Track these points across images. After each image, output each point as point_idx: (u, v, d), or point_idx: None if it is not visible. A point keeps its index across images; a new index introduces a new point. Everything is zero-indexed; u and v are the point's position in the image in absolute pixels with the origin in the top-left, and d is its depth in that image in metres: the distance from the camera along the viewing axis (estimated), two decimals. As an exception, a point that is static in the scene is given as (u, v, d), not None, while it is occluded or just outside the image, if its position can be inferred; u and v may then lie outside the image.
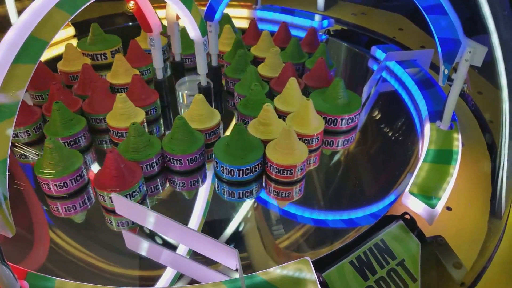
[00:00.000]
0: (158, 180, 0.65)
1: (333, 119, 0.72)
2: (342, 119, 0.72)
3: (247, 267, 0.53)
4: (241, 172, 0.62)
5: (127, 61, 0.81)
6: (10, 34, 0.40)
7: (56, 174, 0.58)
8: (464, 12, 0.62)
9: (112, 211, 0.58)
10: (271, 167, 0.62)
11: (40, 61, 0.46)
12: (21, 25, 0.41)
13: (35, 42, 0.41)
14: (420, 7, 0.62)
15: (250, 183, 0.64)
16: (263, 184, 0.65)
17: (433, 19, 0.62)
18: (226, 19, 1.00)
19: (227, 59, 0.88)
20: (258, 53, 0.90)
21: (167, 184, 0.65)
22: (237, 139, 0.62)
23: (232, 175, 0.62)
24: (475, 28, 0.62)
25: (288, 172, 0.62)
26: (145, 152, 0.62)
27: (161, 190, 0.64)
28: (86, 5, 0.47)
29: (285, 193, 0.63)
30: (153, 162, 0.63)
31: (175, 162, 0.64)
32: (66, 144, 0.67)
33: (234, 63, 0.83)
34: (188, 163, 0.64)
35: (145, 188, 0.61)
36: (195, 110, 0.68)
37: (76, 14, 0.46)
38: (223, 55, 0.90)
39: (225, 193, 0.63)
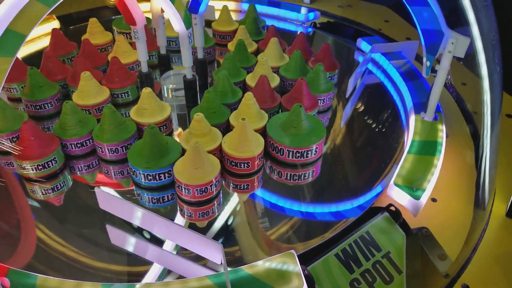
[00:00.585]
0: (90, 162, 0.67)
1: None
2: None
3: (236, 260, 0.53)
4: (148, 176, 0.59)
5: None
6: (-15, 28, 0.39)
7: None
8: (447, 3, 0.63)
9: (29, 180, 0.62)
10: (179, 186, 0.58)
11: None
12: (-3, 18, 0.40)
13: (12, 35, 0.40)
14: (403, -1, 0.62)
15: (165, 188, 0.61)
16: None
17: (416, 10, 0.62)
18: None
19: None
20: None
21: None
22: (146, 143, 0.59)
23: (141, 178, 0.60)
24: (458, 19, 0.63)
25: (188, 191, 0.58)
26: (71, 131, 0.64)
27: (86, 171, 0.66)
28: (64, -2, 0.46)
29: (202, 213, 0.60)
30: (78, 143, 0.64)
31: (100, 150, 0.65)
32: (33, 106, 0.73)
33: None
34: (109, 153, 0.64)
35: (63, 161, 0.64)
36: (143, 104, 0.67)
37: (55, 6, 0.45)
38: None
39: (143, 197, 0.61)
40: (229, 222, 0.59)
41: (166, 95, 0.81)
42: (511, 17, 0.72)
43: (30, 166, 0.60)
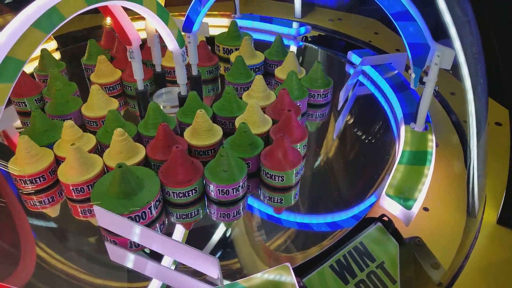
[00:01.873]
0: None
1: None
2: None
3: (234, 273, 0.54)
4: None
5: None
6: (-14, 55, 0.41)
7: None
8: (432, 16, 0.65)
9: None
10: None
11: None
12: (-3, 46, 0.42)
13: (12, 62, 0.42)
14: (388, 14, 0.64)
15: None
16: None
17: (402, 25, 0.64)
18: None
19: None
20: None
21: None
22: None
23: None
24: (444, 31, 0.65)
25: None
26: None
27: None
28: (62, 24, 0.48)
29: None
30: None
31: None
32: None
33: None
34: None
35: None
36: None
37: (52, 32, 0.47)
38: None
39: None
40: (226, 234, 0.60)
41: None
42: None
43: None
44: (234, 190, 0.60)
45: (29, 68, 0.93)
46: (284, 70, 0.86)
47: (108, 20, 0.66)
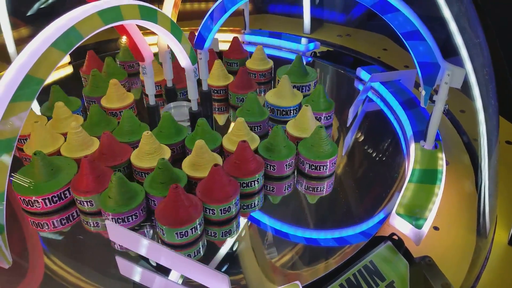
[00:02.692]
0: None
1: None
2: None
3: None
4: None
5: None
6: (8, 74, 0.42)
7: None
8: (442, 33, 0.65)
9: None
10: None
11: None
12: (18, 65, 0.43)
13: (32, 80, 0.43)
14: (399, 33, 0.65)
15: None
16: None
17: (412, 44, 0.64)
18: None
19: None
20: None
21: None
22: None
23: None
24: (454, 50, 0.65)
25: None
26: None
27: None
28: (80, 43, 0.49)
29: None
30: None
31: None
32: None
33: None
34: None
35: None
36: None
37: (70, 51, 0.48)
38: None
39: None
40: (233, 249, 0.60)
41: None
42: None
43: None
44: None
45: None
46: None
47: (124, 39, 0.67)
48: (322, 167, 0.69)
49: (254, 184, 0.65)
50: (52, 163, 0.62)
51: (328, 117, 0.83)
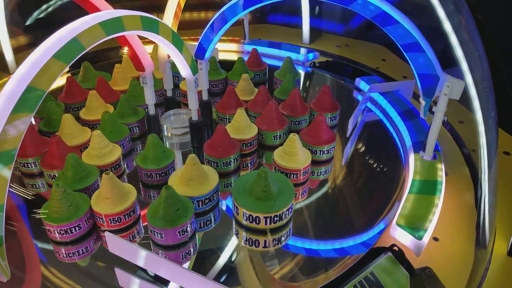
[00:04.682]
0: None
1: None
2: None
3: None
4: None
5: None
6: (9, 85, 0.42)
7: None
8: (442, 44, 0.66)
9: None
10: None
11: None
12: (19, 76, 0.43)
13: (33, 91, 0.43)
14: (399, 45, 0.65)
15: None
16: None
17: (412, 56, 0.65)
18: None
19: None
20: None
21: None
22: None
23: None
24: (454, 61, 0.66)
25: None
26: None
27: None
28: (82, 54, 0.49)
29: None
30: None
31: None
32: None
33: None
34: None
35: None
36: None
37: (72, 62, 0.48)
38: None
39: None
40: (232, 260, 0.59)
41: (166, 134, 0.84)
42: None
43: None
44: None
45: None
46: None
47: (125, 50, 0.68)
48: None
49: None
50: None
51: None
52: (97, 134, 0.70)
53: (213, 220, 0.65)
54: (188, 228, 0.58)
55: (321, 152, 0.76)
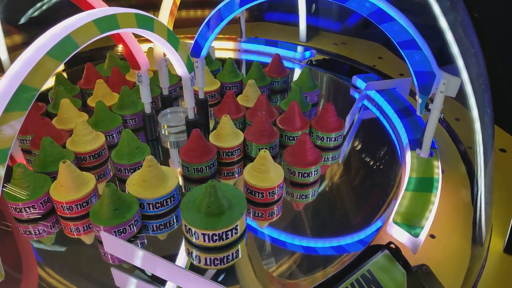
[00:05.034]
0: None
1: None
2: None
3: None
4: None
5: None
6: (1, 83, 0.41)
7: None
8: (438, 41, 0.66)
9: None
10: None
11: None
12: (12, 74, 0.42)
13: (26, 90, 0.43)
14: (395, 42, 0.65)
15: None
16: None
17: (408, 53, 0.65)
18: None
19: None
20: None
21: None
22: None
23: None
24: (450, 58, 0.66)
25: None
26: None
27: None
28: (76, 51, 0.49)
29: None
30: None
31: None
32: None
33: None
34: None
35: None
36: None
37: (66, 60, 0.48)
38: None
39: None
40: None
41: (163, 132, 0.83)
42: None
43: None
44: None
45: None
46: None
47: (120, 48, 0.67)
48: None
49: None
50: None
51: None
52: (81, 122, 0.71)
53: (169, 225, 0.63)
54: (127, 229, 0.58)
55: (303, 174, 0.69)
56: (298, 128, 0.78)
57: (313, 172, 0.69)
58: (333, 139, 0.78)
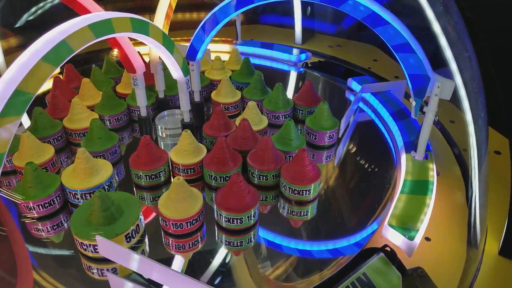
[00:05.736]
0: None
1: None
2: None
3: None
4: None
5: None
6: (-4, 89, 0.41)
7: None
8: (432, 44, 0.66)
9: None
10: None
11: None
12: (7, 79, 0.42)
13: (21, 95, 0.42)
14: (389, 46, 0.66)
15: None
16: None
17: (402, 57, 0.65)
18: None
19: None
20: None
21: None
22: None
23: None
24: (444, 61, 0.66)
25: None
26: None
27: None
28: (71, 56, 0.49)
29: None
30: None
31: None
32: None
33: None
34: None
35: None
36: None
37: (61, 65, 0.48)
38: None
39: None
40: (226, 262, 0.59)
41: (160, 135, 0.83)
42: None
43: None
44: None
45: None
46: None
47: (115, 52, 0.67)
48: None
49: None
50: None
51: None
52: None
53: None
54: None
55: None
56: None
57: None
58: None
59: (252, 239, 0.62)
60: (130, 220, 0.57)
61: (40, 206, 0.62)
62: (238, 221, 0.60)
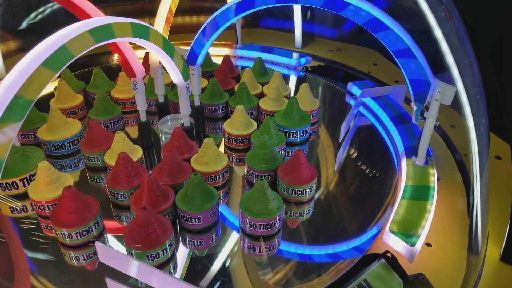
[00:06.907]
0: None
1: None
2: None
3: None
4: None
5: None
6: (-4, 95, 0.41)
7: None
8: (433, 49, 0.66)
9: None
10: None
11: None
12: (7, 85, 0.42)
13: (21, 101, 0.42)
14: (390, 51, 0.65)
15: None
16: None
17: (403, 62, 0.65)
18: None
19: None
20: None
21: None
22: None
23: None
24: (445, 66, 0.66)
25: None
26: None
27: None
28: (70, 62, 0.49)
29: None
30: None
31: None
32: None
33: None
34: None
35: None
36: None
37: (61, 70, 0.47)
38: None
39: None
40: (225, 266, 0.59)
41: (163, 139, 0.83)
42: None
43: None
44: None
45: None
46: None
47: (116, 57, 0.67)
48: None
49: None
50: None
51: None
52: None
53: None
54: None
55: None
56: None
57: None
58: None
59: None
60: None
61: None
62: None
